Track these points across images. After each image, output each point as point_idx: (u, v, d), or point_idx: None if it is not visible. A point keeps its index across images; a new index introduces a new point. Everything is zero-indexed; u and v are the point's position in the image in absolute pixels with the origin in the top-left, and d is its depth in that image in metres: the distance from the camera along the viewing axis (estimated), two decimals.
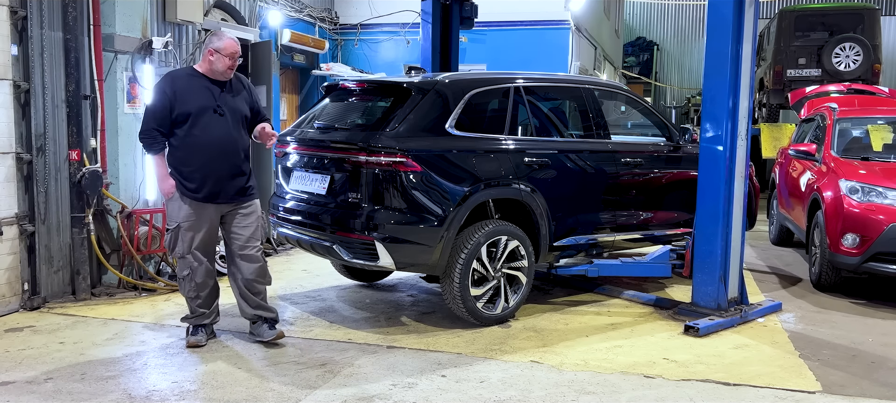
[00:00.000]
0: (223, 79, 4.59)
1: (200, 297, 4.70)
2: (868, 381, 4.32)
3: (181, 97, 4.47)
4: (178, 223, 4.58)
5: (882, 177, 6.24)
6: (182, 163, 4.53)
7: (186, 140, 4.50)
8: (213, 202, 4.58)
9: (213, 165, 4.52)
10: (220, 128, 4.53)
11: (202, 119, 4.49)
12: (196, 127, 4.48)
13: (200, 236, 4.61)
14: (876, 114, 7.84)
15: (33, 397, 3.88)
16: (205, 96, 4.52)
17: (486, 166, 5.14)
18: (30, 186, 5.58)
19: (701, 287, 5.48)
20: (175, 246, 4.62)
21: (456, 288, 5.01)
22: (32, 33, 5.49)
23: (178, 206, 4.57)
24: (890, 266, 5.91)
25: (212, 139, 4.51)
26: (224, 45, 4.55)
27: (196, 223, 4.58)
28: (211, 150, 4.51)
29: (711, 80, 5.36)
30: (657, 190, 6.23)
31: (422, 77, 5.57)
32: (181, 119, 4.47)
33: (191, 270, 4.63)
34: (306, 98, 11.29)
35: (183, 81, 4.55)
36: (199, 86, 4.54)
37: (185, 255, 4.61)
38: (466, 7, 8.03)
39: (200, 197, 4.54)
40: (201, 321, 4.75)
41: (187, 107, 4.47)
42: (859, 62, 13.05)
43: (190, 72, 4.63)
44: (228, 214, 4.68)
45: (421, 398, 3.92)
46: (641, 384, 4.18)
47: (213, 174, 4.53)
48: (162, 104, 4.48)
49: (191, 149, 4.51)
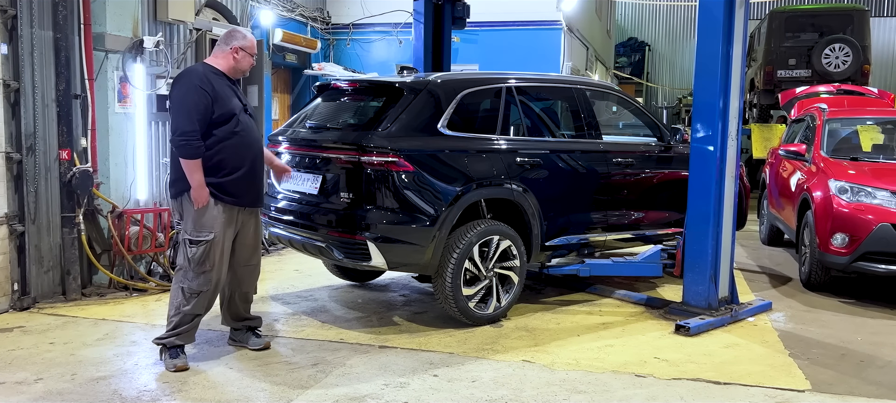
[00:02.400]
0: (239, 77, 4.45)
1: (204, 314, 4.37)
2: (857, 379, 4.35)
3: (220, 95, 4.18)
4: (213, 234, 4.20)
5: (871, 177, 6.28)
6: (225, 167, 4.20)
7: (233, 141, 4.21)
8: (251, 206, 4.38)
9: (256, 166, 4.34)
10: (255, 129, 4.41)
11: (242, 119, 4.27)
12: (239, 127, 4.24)
13: (228, 245, 4.30)
14: (865, 115, 7.91)
15: (23, 398, 3.86)
16: (234, 96, 4.30)
17: (478, 166, 5.15)
18: (20, 186, 5.55)
19: (692, 286, 5.50)
20: (205, 259, 4.20)
21: (448, 288, 5.01)
22: (22, 32, 5.46)
23: (212, 216, 4.20)
24: (879, 265, 5.95)
25: (253, 139, 4.33)
26: (249, 42, 4.37)
27: (228, 232, 4.28)
28: (254, 151, 4.33)
29: (702, 81, 5.38)
30: (648, 190, 6.25)
31: (414, 77, 5.57)
32: (223, 119, 4.18)
33: (211, 286, 4.26)
34: (298, 98, 11.27)
35: (214, 79, 4.22)
36: (225, 84, 4.28)
37: (212, 268, 4.23)
38: (458, 7, 8.04)
39: (243, 202, 4.28)
40: (184, 340, 4.34)
41: (230, 106, 4.20)
42: (849, 63, 13.14)
43: (211, 70, 4.30)
44: (245, 220, 4.42)
45: (413, 397, 3.93)
46: (632, 383, 4.19)
47: (255, 176, 4.33)
48: (204, 102, 4.10)
49: (238, 150, 4.23)
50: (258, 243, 4.59)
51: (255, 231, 4.54)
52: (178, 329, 4.30)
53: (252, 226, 4.50)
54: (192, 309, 4.28)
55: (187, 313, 4.29)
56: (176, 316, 4.29)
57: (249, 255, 4.53)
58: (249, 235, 4.49)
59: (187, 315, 4.29)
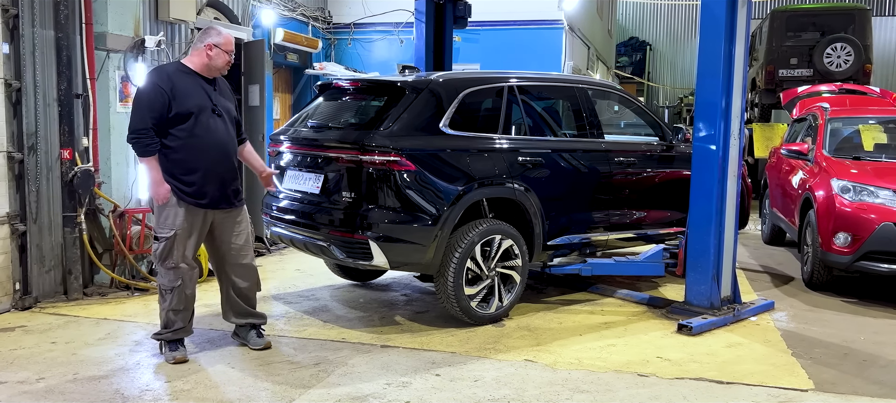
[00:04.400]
0: (215, 75, 4.42)
1: (187, 309, 4.43)
2: (860, 379, 4.34)
3: (180, 94, 4.19)
4: (174, 231, 4.27)
5: (873, 177, 6.27)
6: (181, 167, 4.24)
7: (189, 141, 4.22)
8: (213, 208, 4.36)
9: (217, 168, 4.31)
10: (221, 130, 4.35)
11: (202, 118, 4.25)
12: (198, 127, 4.23)
13: (194, 241, 4.36)
14: (867, 114, 7.89)
15: (25, 397, 3.86)
16: (202, 95, 4.28)
17: (479, 165, 5.15)
18: (21, 185, 5.55)
19: (694, 286, 5.50)
20: (168, 256, 4.29)
21: (450, 287, 5.00)
22: (24, 31, 5.46)
23: (173, 213, 4.27)
24: (881, 264, 5.94)
25: (214, 140, 4.29)
26: (224, 39, 4.35)
27: (192, 230, 4.33)
28: (214, 152, 4.30)
29: (704, 80, 5.37)
30: (650, 189, 6.25)
31: (415, 76, 5.57)
32: (180, 118, 4.19)
33: (183, 281, 4.34)
34: (299, 97, 11.27)
35: (178, 77, 4.26)
36: (194, 83, 4.28)
37: (179, 265, 4.32)
38: (460, 6, 8.04)
39: (204, 202, 4.30)
40: (179, 334, 4.43)
41: (187, 106, 4.20)
42: (850, 62, 13.13)
43: (181, 68, 4.34)
44: (220, 221, 4.45)
45: (415, 397, 3.92)
46: (635, 382, 4.18)
47: (215, 178, 4.31)
48: (160, 101, 4.15)
49: (193, 151, 4.24)
50: (246, 241, 4.56)
51: (237, 230, 4.52)
52: (168, 325, 4.42)
53: (231, 226, 4.49)
54: (169, 305, 4.38)
55: (168, 309, 4.39)
56: (163, 314, 4.43)
57: (237, 255, 4.53)
58: (231, 234, 4.49)
59: (170, 311, 4.39)
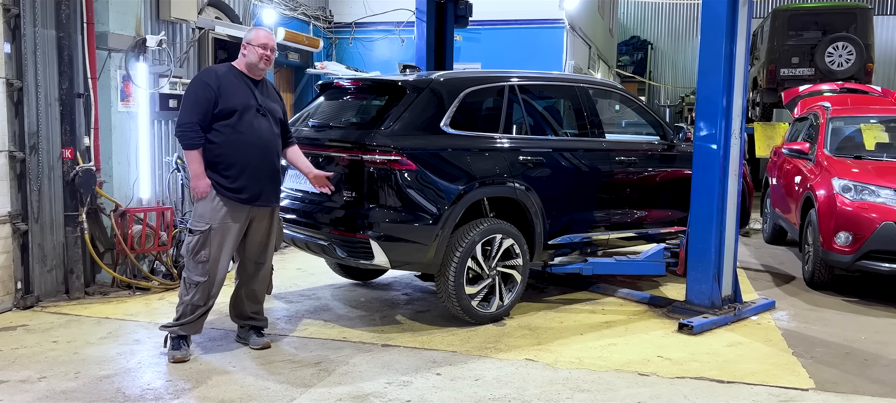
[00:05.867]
0: (258, 75, 4.47)
1: (206, 305, 4.42)
2: (861, 378, 4.34)
3: (226, 92, 4.29)
4: (210, 225, 4.30)
5: (875, 176, 6.27)
6: (223, 162, 4.30)
7: (232, 137, 4.29)
8: (253, 204, 4.39)
9: (258, 165, 4.36)
10: (265, 128, 4.40)
11: (247, 116, 4.33)
12: (242, 124, 4.31)
13: (231, 239, 4.37)
14: (869, 113, 7.88)
15: (27, 396, 3.87)
16: (248, 94, 4.37)
17: (480, 165, 5.15)
18: (23, 185, 5.56)
19: (695, 285, 5.49)
20: (201, 249, 4.31)
21: (451, 287, 5.01)
22: (25, 31, 5.46)
23: (213, 207, 4.31)
24: (882, 264, 5.94)
25: (257, 138, 4.35)
26: (253, 35, 4.40)
27: (230, 225, 4.34)
28: (257, 150, 4.35)
29: (706, 79, 5.37)
30: (651, 188, 6.24)
31: (416, 75, 5.57)
32: (225, 114, 4.28)
33: (209, 277, 4.35)
34: (301, 96, 11.28)
35: (226, 76, 4.37)
36: (241, 83, 4.38)
37: (209, 259, 4.32)
38: (461, 6, 8.03)
39: (243, 198, 4.33)
40: (186, 331, 4.45)
41: (233, 103, 4.29)
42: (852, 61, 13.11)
43: (230, 69, 4.44)
44: (257, 218, 4.48)
45: (416, 396, 3.92)
46: (636, 382, 4.19)
47: (256, 174, 4.35)
48: (206, 97, 4.25)
49: (235, 147, 4.30)
50: (269, 243, 4.60)
51: (267, 230, 4.56)
52: (181, 319, 4.43)
53: (265, 225, 4.54)
54: (191, 298, 4.39)
55: (188, 303, 4.40)
56: (180, 306, 4.43)
57: (258, 253, 4.57)
58: (260, 233, 4.53)
59: (189, 305, 4.40)
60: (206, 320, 5.04)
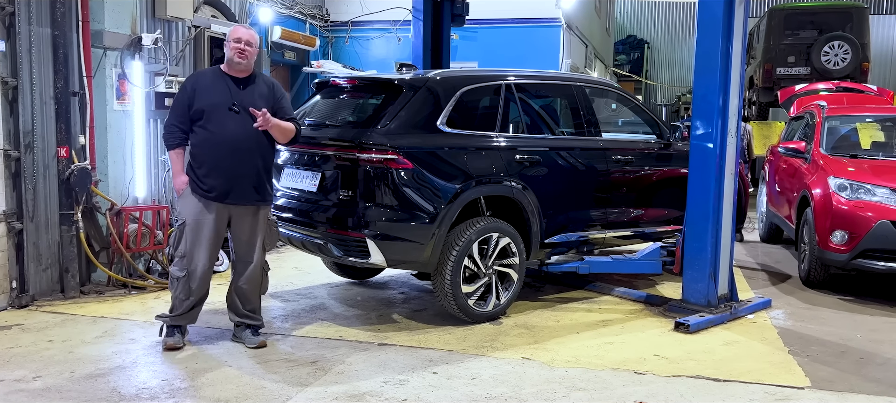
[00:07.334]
0: (240, 72, 4.49)
1: (190, 299, 4.54)
2: (857, 377, 4.35)
3: (200, 93, 4.44)
4: (185, 220, 4.49)
5: (870, 175, 6.28)
6: (196, 160, 4.47)
7: (203, 136, 4.44)
8: (223, 201, 4.47)
9: (225, 163, 4.41)
10: (234, 126, 4.42)
11: (215, 115, 4.41)
12: (211, 123, 4.41)
13: (206, 235, 4.47)
14: (864, 112, 7.90)
15: (22, 395, 3.85)
16: (221, 93, 4.45)
17: (477, 163, 5.14)
18: (18, 183, 5.54)
19: (691, 283, 5.50)
20: (179, 244, 4.51)
21: (447, 286, 5.00)
22: (20, 29, 5.44)
23: (187, 203, 4.49)
24: (878, 262, 5.95)
25: (227, 137, 4.41)
26: (230, 31, 4.52)
27: (203, 221, 4.46)
28: (226, 148, 4.40)
29: (702, 78, 5.37)
30: (648, 187, 6.25)
31: (413, 74, 5.56)
32: (197, 115, 4.43)
33: (188, 272, 4.49)
34: (297, 95, 11.26)
35: (205, 78, 4.54)
36: (219, 83, 4.48)
37: (186, 254, 4.48)
38: (458, 4, 8.02)
39: (212, 195, 4.44)
40: (179, 321, 4.60)
41: (203, 103, 4.42)
42: (848, 60, 13.15)
43: (215, 71, 4.59)
44: (238, 216, 4.55)
45: (412, 395, 3.92)
46: (632, 380, 4.19)
47: (226, 173, 4.42)
48: (180, 100, 4.48)
49: (206, 146, 4.44)
50: (255, 242, 4.60)
51: (251, 229, 4.59)
52: (173, 309, 4.62)
53: (247, 224, 4.58)
54: (175, 292, 4.57)
55: (175, 296, 4.58)
56: (172, 298, 4.63)
57: (244, 251, 4.63)
58: (243, 231, 4.60)
59: (176, 298, 4.58)
60: (206, 319, 5.05)
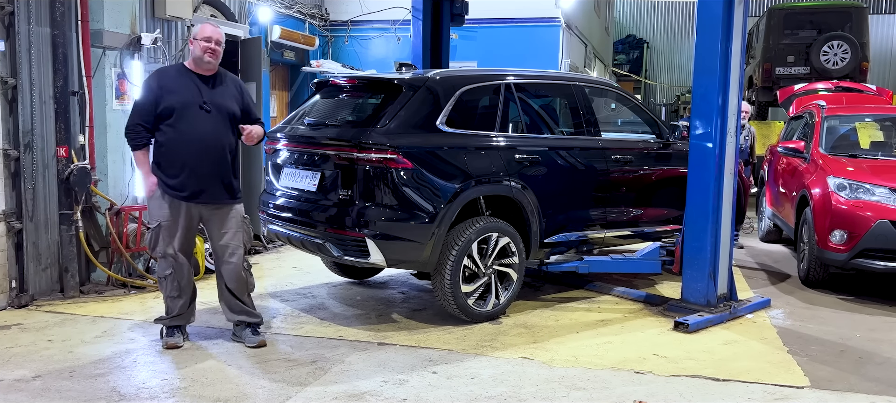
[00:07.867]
0: (207, 71, 4.48)
1: (182, 297, 4.59)
2: (856, 376, 4.35)
3: (167, 92, 4.38)
4: (159, 221, 4.48)
5: (870, 174, 6.28)
6: (165, 160, 4.42)
7: (170, 136, 4.39)
8: (193, 201, 4.47)
9: (196, 163, 4.40)
10: (206, 125, 4.41)
11: (186, 114, 4.37)
12: (180, 122, 4.37)
13: (180, 235, 4.50)
14: (864, 112, 7.90)
15: (21, 395, 3.85)
16: (191, 92, 4.41)
17: (476, 163, 5.14)
18: (17, 183, 5.54)
19: (690, 283, 5.50)
20: (156, 245, 4.51)
21: (447, 285, 5.00)
22: (19, 29, 5.44)
23: (159, 204, 4.47)
24: (877, 262, 5.95)
25: (195, 136, 4.39)
26: (198, 29, 4.47)
27: (176, 222, 4.47)
28: (194, 147, 4.39)
29: (701, 78, 5.37)
30: (647, 187, 6.25)
31: (412, 74, 5.56)
32: (166, 114, 4.36)
33: (173, 270, 4.53)
34: (296, 95, 11.25)
35: (170, 77, 4.47)
36: (186, 81, 4.44)
37: (166, 254, 4.50)
38: (457, 4, 8.01)
39: (183, 195, 4.43)
40: (177, 321, 4.64)
41: (171, 102, 4.36)
42: (847, 60, 13.15)
43: (179, 68, 4.56)
44: (209, 216, 4.55)
45: (412, 394, 3.92)
46: (632, 379, 4.19)
47: (195, 172, 4.40)
48: (146, 99, 4.40)
49: (174, 146, 4.39)
50: (233, 240, 4.58)
51: (224, 227, 4.57)
52: (168, 312, 4.65)
53: (219, 223, 4.57)
54: (167, 291, 4.59)
55: (167, 296, 4.61)
56: (164, 301, 4.66)
57: (221, 252, 4.62)
58: (218, 231, 4.60)
59: (168, 298, 4.61)
60: (206, 319, 5.06)
